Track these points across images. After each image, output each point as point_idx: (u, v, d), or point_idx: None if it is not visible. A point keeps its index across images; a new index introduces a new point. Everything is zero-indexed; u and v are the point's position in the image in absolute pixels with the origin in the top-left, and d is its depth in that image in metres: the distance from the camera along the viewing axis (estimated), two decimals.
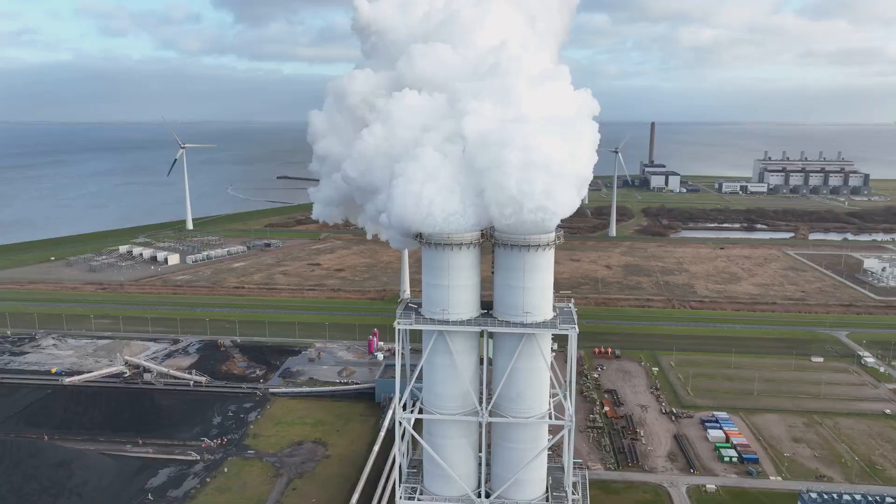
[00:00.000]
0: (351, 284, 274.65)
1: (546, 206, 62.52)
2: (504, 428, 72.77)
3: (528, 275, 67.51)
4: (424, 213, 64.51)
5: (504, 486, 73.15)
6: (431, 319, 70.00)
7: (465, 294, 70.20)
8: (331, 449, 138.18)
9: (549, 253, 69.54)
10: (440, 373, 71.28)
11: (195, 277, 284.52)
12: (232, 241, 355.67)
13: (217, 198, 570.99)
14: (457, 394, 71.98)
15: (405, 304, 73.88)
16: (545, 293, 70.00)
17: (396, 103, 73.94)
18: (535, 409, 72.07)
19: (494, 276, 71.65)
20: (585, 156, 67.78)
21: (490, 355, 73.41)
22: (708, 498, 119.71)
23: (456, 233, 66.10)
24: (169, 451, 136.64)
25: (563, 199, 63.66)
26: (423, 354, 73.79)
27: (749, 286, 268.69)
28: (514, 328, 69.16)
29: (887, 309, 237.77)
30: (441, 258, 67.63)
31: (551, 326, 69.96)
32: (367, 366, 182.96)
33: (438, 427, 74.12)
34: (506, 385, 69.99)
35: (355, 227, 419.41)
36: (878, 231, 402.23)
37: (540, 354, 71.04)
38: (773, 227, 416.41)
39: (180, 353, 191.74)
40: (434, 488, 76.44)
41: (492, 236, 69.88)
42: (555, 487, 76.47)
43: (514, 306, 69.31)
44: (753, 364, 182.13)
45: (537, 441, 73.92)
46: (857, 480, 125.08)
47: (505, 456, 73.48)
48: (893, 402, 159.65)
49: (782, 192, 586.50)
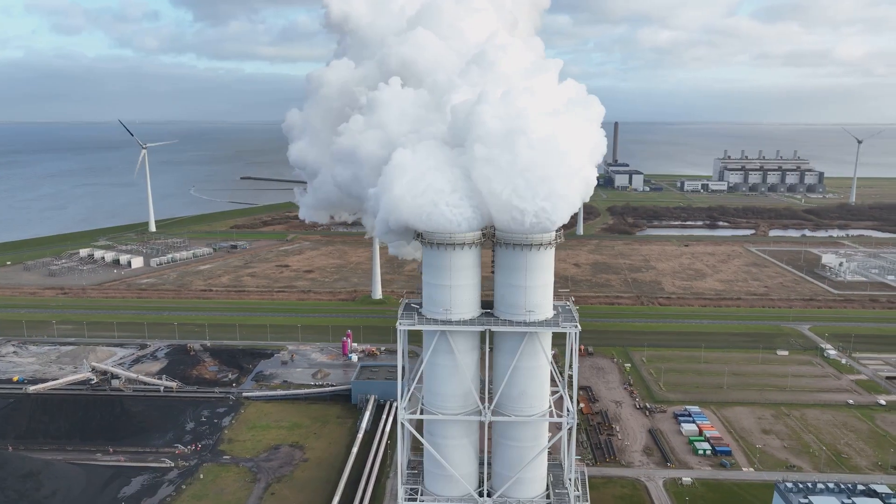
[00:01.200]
0: (321, 286, 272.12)
1: (546, 210, 63.00)
2: (506, 427, 72.97)
3: (530, 274, 67.87)
4: (426, 214, 64.16)
5: (507, 484, 73.32)
6: (433, 320, 69.73)
7: (467, 294, 70.19)
8: (308, 452, 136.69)
9: (550, 252, 70.06)
10: (442, 373, 71.00)
11: (160, 281, 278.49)
12: (197, 243, 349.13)
13: (180, 199, 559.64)
14: (459, 393, 71.85)
15: (405, 305, 73.33)
16: (546, 292, 70.56)
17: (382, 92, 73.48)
18: (536, 407, 72.51)
19: (495, 276, 71.71)
20: (587, 157, 68.41)
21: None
22: (684, 491, 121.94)
23: (458, 232, 66.01)
24: (141, 458, 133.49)
25: (562, 205, 64.31)
26: (423, 355, 73.38)
27: (714, 282, 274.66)
28: (517, 327, 69.38)
29: (845, 303, 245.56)
30: (443, 258, 67.40)
31: (553, 325, 70.45)
32: (341, 367, 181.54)
33: (440, 427, 73.86)
34: (508, 384, 70.19)
35: (323, 227, 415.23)
36: (834, 227, 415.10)
37: (542, 353, 71.53)
38: (734, 225, 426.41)
39: (148, 358, 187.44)
40: (435, 489, 76.23)
41: (493, 236, 69.93)
42: (555, 484, 77.11)
43: (515, 305, 69.53)
44: (722, 358, 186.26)
45: (539, 439, 74.40)
46: (825, 469, 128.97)
47: (507, 455, 73.64)
48: (856, 392, 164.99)
49: (742, 190, 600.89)
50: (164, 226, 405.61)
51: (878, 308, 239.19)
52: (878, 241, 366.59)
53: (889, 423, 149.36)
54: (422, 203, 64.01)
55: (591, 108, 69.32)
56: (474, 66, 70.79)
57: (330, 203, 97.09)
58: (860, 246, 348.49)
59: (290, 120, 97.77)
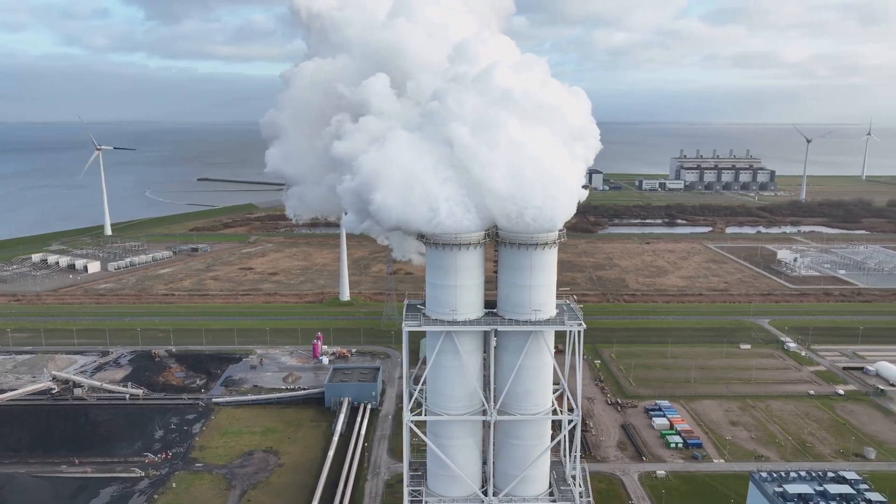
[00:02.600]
0: (287, 288, 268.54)
1: (545, 213, 63.46)
2: (510, 426, 73.20)
3: (535, 273, 68.21)
4: (429, 216, 63.80)
5: (513, 483, 73.50)
6: (439, 320, 69.46)
7: (472, 294, 70.15)
8: (283, 457, 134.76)
9: (554, 251, 70.53)
10: (447, 373, 70.76)
11: (119, 285, 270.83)
12: (156, 246, 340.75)
13: (135, 201, 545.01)
14: (464, 394, 71.74)
15: (407, 306, 72.72)
16: (550, 291, 71.12)
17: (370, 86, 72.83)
18: (540, 405, 72.98)
19: (499, 275, 71.80)
20: (581, 157, 69.05)
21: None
22: (659, 484, 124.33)
23: (465, 233, 65.87)
24: (109, 468, 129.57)
25: (561, 203, 64.84)
26: (427, 356, 72.94)
27: (676, 279, 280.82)
28: (523, 326, 69.66)
29: (801, 297, 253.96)
30: (448, 258, 67.14)
31: (558, 323, 70.99)
32: (312, 370, 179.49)
33: (445, 428, 73.59)
34: (513, 383, 70.38)
35: (286, 229, 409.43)
36: (786, 224, 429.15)
37: (547, 351, 72.00)
38: (692, 222, 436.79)
39: (111, 365, 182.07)
40: (440, 489, 75.98)
41: (496, 235, 69.99)
42: (558, 481, 77.74)
43: (521, 304, 69.80)
44: (688, 353, 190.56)
45: (543, 437, 74.93)
46: (791, 458, 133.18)
47: (512, 453, 73.89)
48: (816, 383, 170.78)
49: (697, 188, 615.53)
50: (120, 229, 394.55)
51: (832, 301, 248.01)
52: (828, 236, 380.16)
53: (848, 411, 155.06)
54: (424, 207, 63.65)
55: (580, 101, 69.93)
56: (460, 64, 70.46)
57: (317, 209, 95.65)
58: (812, 242, 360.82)
59: (267, 123, 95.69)
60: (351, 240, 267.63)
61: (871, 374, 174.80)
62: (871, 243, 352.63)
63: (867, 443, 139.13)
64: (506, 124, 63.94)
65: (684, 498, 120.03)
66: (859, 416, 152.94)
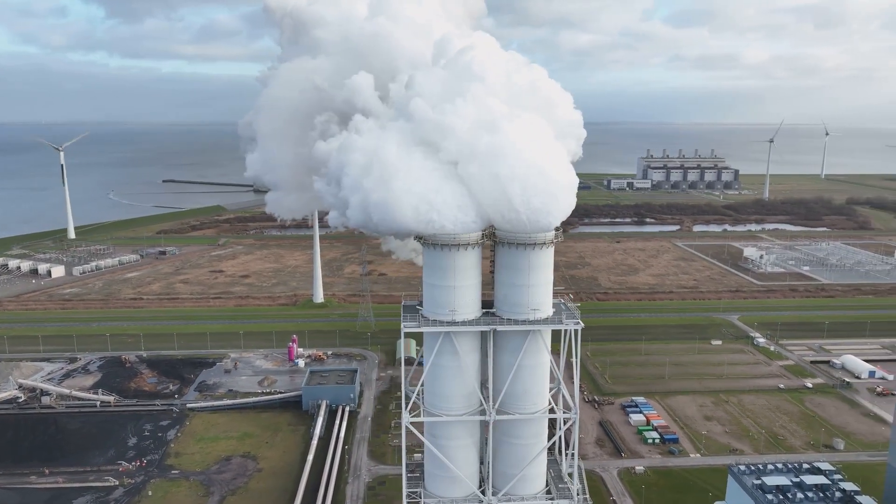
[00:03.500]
0: (259, 291, 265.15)
1: (543, 213, 63.86)
2: (508, 425, 73.30)
3: (533, 272, 68.44)
4: (427, 220, 63.55)
5: (511, 482, 73.53)
6: (438, 321, 69.24)
7: (471, 294, 70.05)
8: (262, 462, 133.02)
9: (551, 250, 70.85)
10: (446, 374, 70.53)
11: (85, 290, 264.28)
12: (122, 249, 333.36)
13: (98, 203, 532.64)
14: (463, 394, 71.59)
15: (404, 306, 72.41)
16: (548, 290, 71.41)
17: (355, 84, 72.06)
18: (538, 404, 73.20)
19: (496, 275, 71.82)
20: (572, 152, 69.58)
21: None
22: (638, 479, 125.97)
23: (463, 233, 65.72)
24: (82, 478, 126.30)
25: (560, 205, 65.30)
26: (425, 356, 72.60)
27: (647, 277, 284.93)
28: (522, 325, 69.79)
29: (769, 293, 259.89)
30: (447, 258, 66.87)
31: (556, 322, 71.33)
32: (287, 374, 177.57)
33: (443, 429, 73.35)
34: (512, 382, 70.47)
35: (256, 231, 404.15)
36: (751, 222, 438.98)
37: (545, 350, 72.27)
38: (660, 221, 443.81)
39: (80, 372, 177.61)
40: (439, 490, 75.69)
41: (492, 235, 70.01)
42: (556, 479, 78.14)
43: (519, 304, 69.89)
44: (661, 350, 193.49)
45: (540, 435, 75.18)
46: (764, 451, 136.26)
47: (510, 453, 73.96)
48: (785, 377, 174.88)
49: (664, 187, 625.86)
50: (84, 232, 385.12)
51: (797, 297, 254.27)
52: (791, 234, 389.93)
53: (817, 404, 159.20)
54: (424, 209, 63.34)
55: (563, 97, 70.55)
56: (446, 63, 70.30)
57: (297, 211, 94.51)
58: (776, 239, 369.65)
59: (245, 126, 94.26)
60: (323, 241, 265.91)
61: (838, 368, 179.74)
62: (833, 240, 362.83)
63: (836, 434, 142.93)
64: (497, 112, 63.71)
65: (663, 493, 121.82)
66: (827, 408, 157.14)
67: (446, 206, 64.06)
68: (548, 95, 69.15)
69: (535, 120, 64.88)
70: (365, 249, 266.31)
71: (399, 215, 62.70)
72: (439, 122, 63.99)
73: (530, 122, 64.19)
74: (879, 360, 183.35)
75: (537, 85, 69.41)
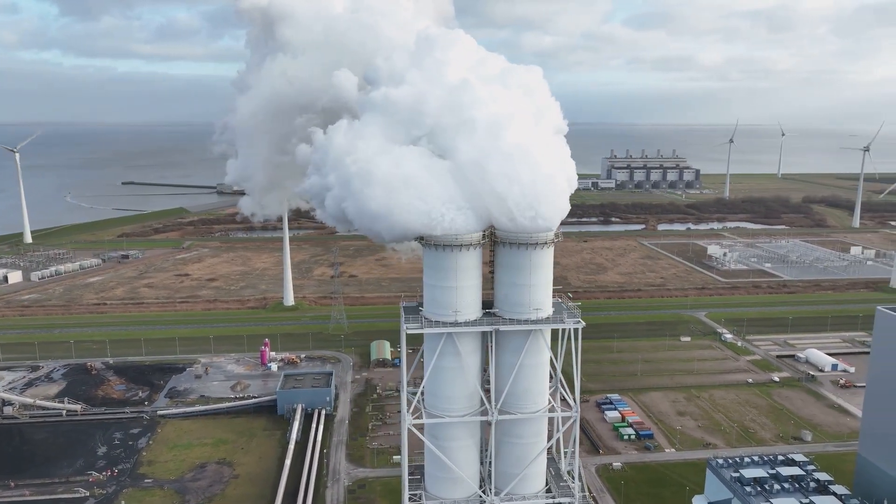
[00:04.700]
0: (227, 294, 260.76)
1: (541, 214, 64.15)
2: (509, 424, 73.23)
3: (535, 272, 68.64)
4: (426, 220, 63.14)
5: (513, 482, 73.52)
6: (440, 322, 68.73)
7: (472, 294, 69.87)
8: (238, 468, 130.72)
9: (551, 249, 71.10)
10: (448, 375, 70.11)
11: (45, 296, 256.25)
12: (83, 253, 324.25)
13: (55, 206, 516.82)
14: (464, 395, 71.32)
15: (404, 308, 71.67)
16: (548, 289, 71.70)
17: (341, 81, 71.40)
18: (539, 403, 73.43)
19: (496, 275, 71.70)
20: (566, 152, 70.22)
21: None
22: (616, 476, 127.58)
23: (465, 233, 65.45)
24: (50, 490, 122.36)
25: (556, 205, 65.69)
26: (425, 357, 72.00)
27: (615, 275, 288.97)
28: (523, 325, 69.84)
29: (733, 290, 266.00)
30: (448, 259, 66.48)
31: (558, 321, 71.58)
32: (261, 378, 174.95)
33: (445, 430, 72.87)
34: (513, 382, 70.49)
35: (222, 233, 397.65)
36: (713, 220, 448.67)
37: (545, 349, 72.46)
38: (625, 220, 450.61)
39: (43, 380, 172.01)
40: (440, 492, 75.18)
41: (493, 235, 69.91)
42: (556, 478, 78.39)
43: (520, 304, 69.97)
44: (632, 347, 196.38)
45: (541, 435, 75.38)
46: (736, 444, 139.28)
47: (512, 452, 73.94)
48: (753, 372, 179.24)
49: (628, 187, 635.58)
50: (41, 236, 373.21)
51: (760, 293, 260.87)
52: (752, 232, 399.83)
53: (784, 397, 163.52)
54: (425, 210, 63.00)
55: (540, 83, 71.49)
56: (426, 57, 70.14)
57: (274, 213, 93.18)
58: (738, 237, 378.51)
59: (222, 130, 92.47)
60: (291, 243, 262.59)
61: (802, 362, 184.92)
62: (792, 237, 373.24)
63: (803, 426, 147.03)
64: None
65: (641, 488, 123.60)
66: (794, 401, 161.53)
67: (447, 207, 63.87)
68: (523, 80, 69.64)
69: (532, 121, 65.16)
70: (336, 251, 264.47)
71: (401, 220, 62.41)
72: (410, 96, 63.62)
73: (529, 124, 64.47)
74: (841, 353, 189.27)
75: (512, 69, 70.00)
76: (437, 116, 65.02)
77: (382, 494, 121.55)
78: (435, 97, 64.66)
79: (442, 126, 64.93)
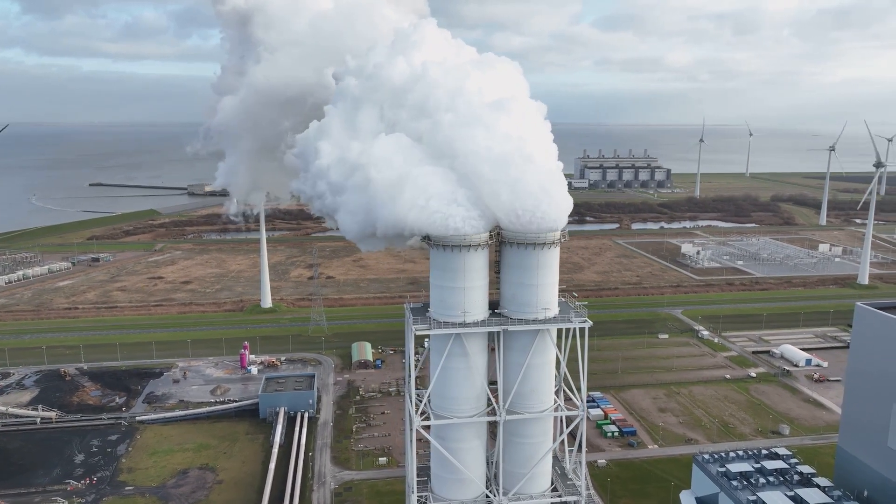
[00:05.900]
0: (202, 297, 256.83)
1: (544, 214, 64.40)
2: (516, 424, 73.11)
3: (542, 272, 68.70)
4: (435, 223, 62.87)
5: (521, 482, 73.46)
6: (448, 323, 68.30)
7: (480, 295, 69.71)
8: (221, 473, 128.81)
9: (557, 249, 71.20)
10: (456, 376, 69.69)
11: (13, 300, 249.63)
12: (51, 256, 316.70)
13: (19, 208, 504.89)
14: (472, 396, 71.01)
15: (410, 309, 71.00)
16: (554, 289, 71.79)
17: None
18: (546, 402, 73.45)
19: (503, 275, 71.55)
20: (552, 147, 70.80)
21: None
22: (601, 473, 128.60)
23: (474, 234, 65.21)
24: (27, 500, 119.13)
25: (559, 204, 65.98)
26: (432, 359, 71.47)
27: (592, 274, 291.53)
28: (531, 325, 69.79)
29: (707, 287, 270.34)
30: (457, 260, 66.14)
31: (565, 321, 71.65)
32: (240, 381, 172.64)
33: (453, 431, 72.44)
34: (520, 381, 70.40)
35: (195, 235, 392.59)
36: (685, 219, 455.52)
37: (552, 348, 72.50)
38: (600, 220, 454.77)
39: (14, 387, 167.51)
40: (447, 493, 74.68)
41: (499, 235, 69.78)
42: (561, 476, 78.48)
43: (528, 304, 69.97)
44: (612, 345, 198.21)
45: (547, 434, 75.41)
46: (717, 439, 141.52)
47: (519, 452, 73.82)
48: (730, 368, 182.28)
49: (601, 186, 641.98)
50: (6, 239, 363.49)
51: (734, 290, 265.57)
52: (724, 230, 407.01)
53: (761, 392, 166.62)
54: (431, 212, 62.75)
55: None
56: None
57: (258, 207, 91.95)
58: (710, 235, 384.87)
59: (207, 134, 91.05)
60: (267, 244, 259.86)
61: (777, 357, 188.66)
62: (762, 235, 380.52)
63: (781, 420, 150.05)
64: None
65: (626, 484, 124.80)
66: (771, 395, 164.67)
67: (454, 207, 63.76)
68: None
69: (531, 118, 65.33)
70: (315, 252, 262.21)
71: (406, 220, 62.12)
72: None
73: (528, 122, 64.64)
74: (814, 348, 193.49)
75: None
76: (425, 97, 65.67)
77: (369, 496, 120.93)
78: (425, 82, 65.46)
79: (428, 109, 65.71)
